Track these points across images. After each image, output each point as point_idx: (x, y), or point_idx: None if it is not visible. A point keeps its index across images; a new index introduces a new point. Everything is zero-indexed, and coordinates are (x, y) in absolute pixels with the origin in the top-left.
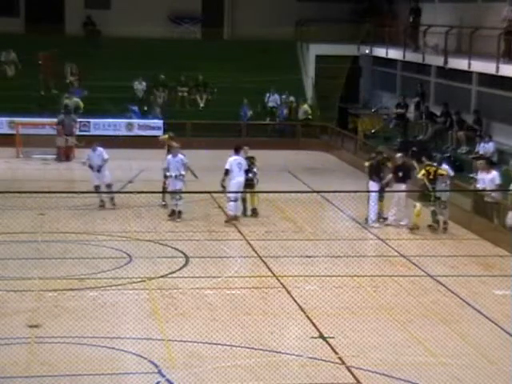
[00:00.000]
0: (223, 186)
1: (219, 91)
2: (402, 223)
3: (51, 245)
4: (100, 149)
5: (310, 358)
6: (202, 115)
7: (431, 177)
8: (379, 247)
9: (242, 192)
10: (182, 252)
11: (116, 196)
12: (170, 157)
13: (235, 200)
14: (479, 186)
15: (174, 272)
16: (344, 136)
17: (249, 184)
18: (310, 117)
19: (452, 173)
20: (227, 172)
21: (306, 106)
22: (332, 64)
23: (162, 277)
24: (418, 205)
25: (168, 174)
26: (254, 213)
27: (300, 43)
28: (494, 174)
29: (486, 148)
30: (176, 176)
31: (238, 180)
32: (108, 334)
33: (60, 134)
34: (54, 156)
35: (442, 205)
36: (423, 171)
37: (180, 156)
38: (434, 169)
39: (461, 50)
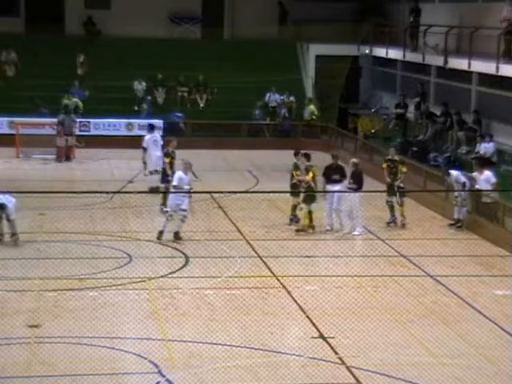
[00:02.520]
0: (144, 163)
1: (219, 91)
2: (355, 233)
3: (51, 245)
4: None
5: (311, 358)
6: (202, 115)
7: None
8: (379, 247)
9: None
10: (182, 252)
11: (116, 196)
12: (181, 173)
13: (154, 173)
14: (477, 186)
15: (174, 272)
16: (344, 136)
17: (295, 192)
18: (314, 117)
19: (462, 179)
20: (145, 150)
21: (311, 107)
22: (332, 64)
23: (162, 277)
24: (305, 207)
25: (181, 191)
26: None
27: (300, 43)
28: (488, 175)
29: (486, 148)
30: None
31: (154, 155)
32: (108, 334)
33: (60, 134)
34: (54, 156)
35: (460, 203)
36: (311, 174)
37: (189, 174)
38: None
39: (461, 49)
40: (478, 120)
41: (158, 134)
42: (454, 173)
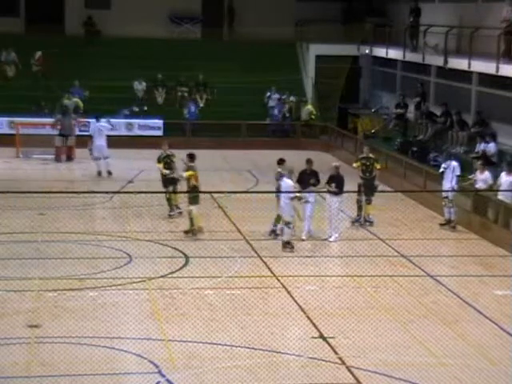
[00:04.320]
0: (90, 149)
1: (219, 91)
2: (330, 240)
3: (51, 245)
4: None
5: (311, 358)
6: (202, 115)
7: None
8: (379, 247)
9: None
10: (182, 252)
11: (116, 196)
12: (290, 181)
13: (99, 158)
14: (477, 185)
15: (173, 272)
16: (344, 136)
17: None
18: (313, 117)
19: (458, 172)
20: (91, 137)
21: (309, 107)
22: (332, 64)
23: (162, 277)
24: (194, 208)
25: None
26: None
27: (300, 43)
28: (487, 175)
29: (487, 148)
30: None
31: (96, 144)
32: (108, 334)
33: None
34: (53, 156)
35: (450, 203)
36: (190, 172)
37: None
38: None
39: (461, 50)
40: (481, 121)
41: (104, 124)
42: (454, 163)
